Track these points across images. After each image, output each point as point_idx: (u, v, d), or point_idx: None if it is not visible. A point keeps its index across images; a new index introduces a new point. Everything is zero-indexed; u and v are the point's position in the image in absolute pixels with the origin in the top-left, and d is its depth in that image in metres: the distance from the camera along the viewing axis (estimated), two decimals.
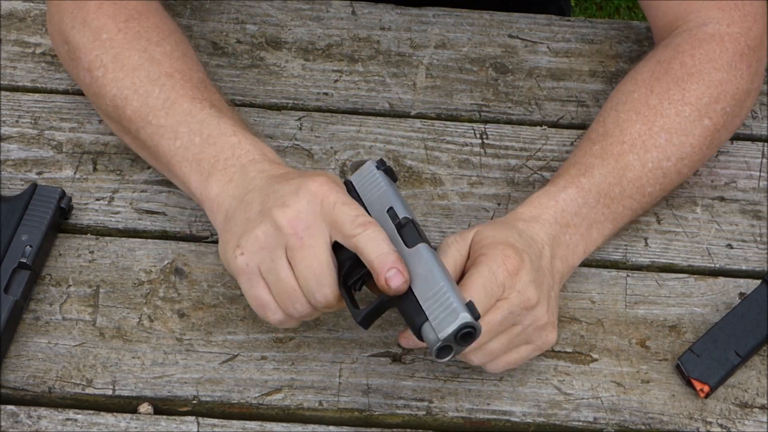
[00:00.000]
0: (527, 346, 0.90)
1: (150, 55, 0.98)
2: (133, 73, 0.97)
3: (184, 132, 0.94)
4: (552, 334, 0.91)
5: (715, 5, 1.03)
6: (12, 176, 1.05)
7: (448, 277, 0.83)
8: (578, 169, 0.97)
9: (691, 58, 1.01)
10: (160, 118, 0.96)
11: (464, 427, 0.93)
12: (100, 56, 0.99)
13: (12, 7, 1.17)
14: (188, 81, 0.97)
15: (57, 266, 1.00)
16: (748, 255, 1.03)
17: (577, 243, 0.96)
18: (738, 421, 0.93)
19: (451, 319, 0.80)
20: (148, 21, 1.01)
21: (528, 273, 0.87)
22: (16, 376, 0.94)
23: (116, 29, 0.99)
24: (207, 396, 0.93)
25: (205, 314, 0.97)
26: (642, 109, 0.99)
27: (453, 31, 1.18)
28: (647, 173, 0.98)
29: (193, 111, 0.95)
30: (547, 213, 0.94)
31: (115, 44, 0.99)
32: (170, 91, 0.96)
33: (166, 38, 1.00)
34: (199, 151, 0.93)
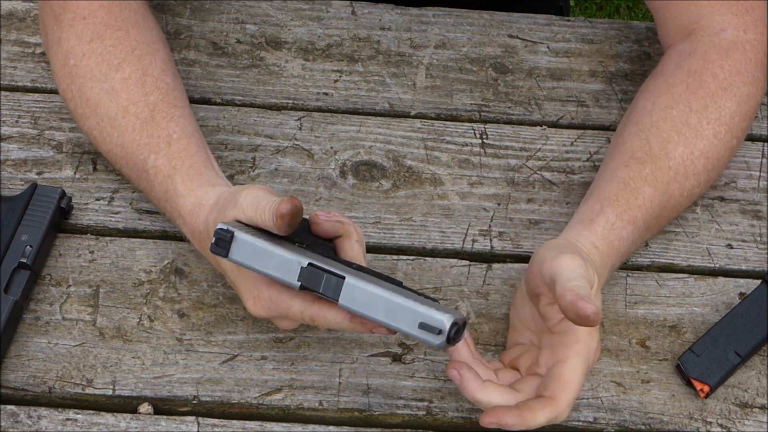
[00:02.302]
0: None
1: (109, 86, 0.99)
2: (95, 110, 1.00)
3: (144, 187, 0.99)
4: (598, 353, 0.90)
5: (728, 9, 1.03)
6: (12, 176, 1.05)
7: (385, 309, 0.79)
8: (633, 196, 0.96)
9: (722, 69, 1.01)
10: (123, 168, 1.00)
11: (464, 427, 0.93)
12: (69, 87, 1.02)
13: (12, 7, 1.17)
14: (139, 116, 0.98)
15: (57, 266, 1.00)
16: (748, 255, 1.03)
17: (613, 266, 0.96)
18: (738, 421, 0.93)
19: (435, 326, 0.78)
20: (111, 38, 1.01)
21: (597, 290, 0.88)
22: (16, 376, 0.94)
23: (81, 53, 1.01)
24: (207, 396, 0.93)
25: (205, 314, 0.97)
26: (683, 130, 0.99)
27: (453, 31, 1.18)
28: (682, 202, 1.00)
29: (139, 165, 0.98)
30: (607, 248, 0.93)
31: (80, 72, 1.01)
32: (123, 136, 0.98)
33: (126, 58, 1.00)
34: (158, 203, 0.98)
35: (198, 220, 0.92)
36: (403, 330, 0.78)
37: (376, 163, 1.07)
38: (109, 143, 0.99)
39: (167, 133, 0.97)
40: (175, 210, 0.94)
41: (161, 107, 0.99)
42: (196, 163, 0.96)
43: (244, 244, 0.82)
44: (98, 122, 1.00)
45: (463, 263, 1.01)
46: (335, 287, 0.80)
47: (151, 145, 0.97)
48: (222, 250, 0.82)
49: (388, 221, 1.04)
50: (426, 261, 1.01)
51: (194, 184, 0.94)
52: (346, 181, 1.06)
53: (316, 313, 0.84)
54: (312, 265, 0.81)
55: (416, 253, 1.02)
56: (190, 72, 1.13)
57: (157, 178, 0.96)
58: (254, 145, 1.08)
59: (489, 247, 1.03)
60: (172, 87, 1.01)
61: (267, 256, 0.82)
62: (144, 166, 0.97)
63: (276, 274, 0.82)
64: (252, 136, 1.09)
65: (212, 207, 0.90)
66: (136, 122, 0.98)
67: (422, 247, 1.03)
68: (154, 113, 0.98)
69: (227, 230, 0.82)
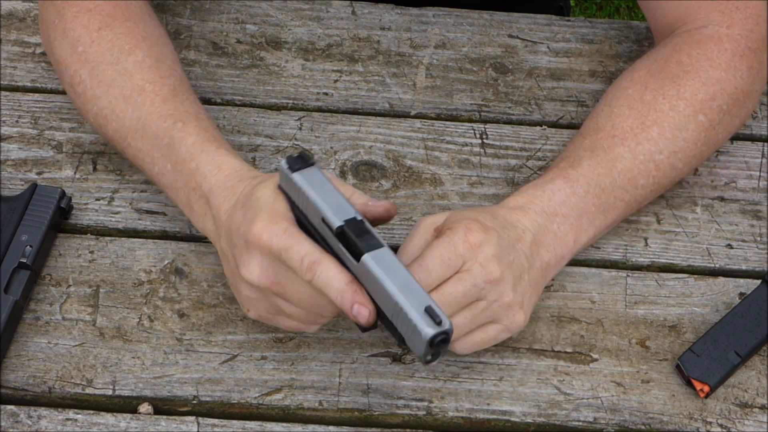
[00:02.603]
0: (494, 325, 0.90)
1: (123, 68, 0.99)
2: (108, 90, 0.99)
3: (158, 157, 0.96)
4: (519, 315, 0.90)
5: (715, 8, 1.03)
6: (12, 176, 1.05)
7: (401, 282, 0.80)
8: (567, 162, 0.98)
9: (688, 56, 1.01)
10: (137, 141, 0.98)
11: (464, 427, 0.93)
12: (78, 72, 1.00)
13: (12, 7, 1.17)
14: (158, 93, 0.98)
15: (57, 266, 1.00)
16: (748, 255, 1.03)
17: (566, 233, 0.95)
18: (738, 421, 0.93)
19: (418, 338, 0.78)
20: (120, 27, 1.01)
21: (492, 247, 0.87)
22: (16, 376, 0.94)
23: (90, 40, 1.00)
24: (207, 396, 0.93)
25: (205, 314, 0.97)
26: (635, 105, 0.99)
27: (453, 31, 1.18)
28: (638, 165, 0.98)
29: (160, 133, 0.96)
30: (533, 203, 0.94)
31: (90, 57, 1.00)
32: (141, 110, 0.97)
33: (138, 45, 1.00)
34: (174, 180, 0.95)
35: (239, 166, 0.92)
36: (407, 305, 0.78)
37: (376, 163, 1.07)
38: (122, 119, 0.98)
39: (194, 109, 0.97)
40: (209, 163, 0.92)
41: (180, 90, 0.99)
42: (225, 144, 0.96)
43: (318, 176, 0.83)
44: (110, 101, 0.98)
45: None
46: (370, 245, 0.80)
47: (177, 116, 0.96)
48: (297, 165, 0.83)
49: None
50: None
51: (233, 155, 0.94)
52: (347, 181, 1.06)
53: (320, 259, 0.81)
54: (363, 223, 0.81)
55: None
56: (190, 72, 1.13)
57: (185, 141, 0.94)
58: (254, 145, 1.08)
59: None
60: (185, 78, 1.01)
61: (331, 194, 0.82)
62: (169, 132, 0.95)
63: (326, 207, 0.81)
64: (252, 136, 1.09)
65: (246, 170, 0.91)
66: (156, 98, 0.97)
67: None
68: (175, 92, 0.98)
69: (309, 157, 0.84)
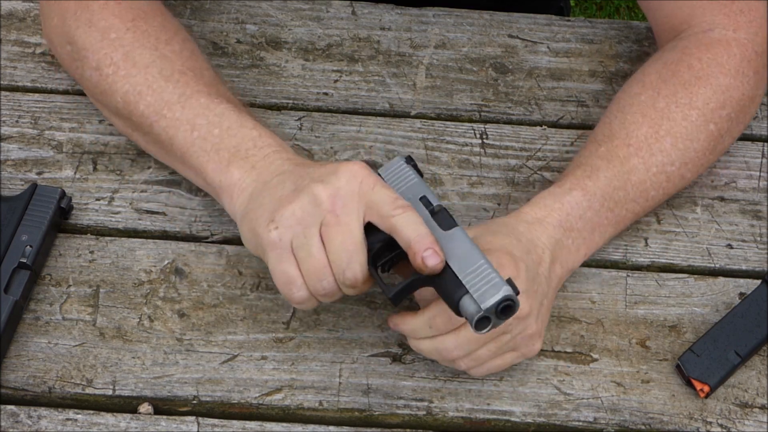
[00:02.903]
0: (512, 353, 0.91)
1: (161, 53, 0.98)
2: (145, 70, 0.98)
3: (202, 124, 0.95)
4: (538, 343, 0.91)
5: (720, 10, 1.03)
6: (12, 176, 1.05)
7: (485, 256, 0.84)
8: (584, 171, 0.97)
9: (699, 61, 1.01)
10: (175, 112, 0.96)
11: (464, 427, 0.93)
12: (109, 54, 0.99)
13: (12, 7, 1.17)
14: (201, 78, 0.98)
15: (57, 266, 1.00)
16: (748, 255, 1.03)
17: (578, 247, 0.96)
18: (738, 421, 0.93)
19: (494, 291, 0.81)
20: (155, 20, 1.01)
21: (523, 283, 0.88)
22: (16, 376, 0.94)
23: (124, 28, 1.00)
24: (207, 396, 0.93)
25: (205, 314, 0.97)
26: (649, 112, 0.99)
27: (453, 31, 1.18)
28: (651, 177, 0.98)
29: (211, 105, 0.95)
30: (551, 216, 0.95)
31: (125, 42, 0.99)
32: (185, 87, 0.97)
33: (174, 37, 1.01)
34: (219, 142, 0.94)
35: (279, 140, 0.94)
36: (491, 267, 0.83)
37: (376, 163, 1.07)
38: (160, 93, 0.97)
39: (232, 96, 0.98)
40: (250, 133, 0.93)
41: (217, 83, 0.99)
42: None
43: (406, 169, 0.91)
44: (147, 79, 0.97)
45: None
46: (448, 222, 0.87)
47: (228, 99, 0.97)
48: (410, 162, 0.92)
49: None
50: None
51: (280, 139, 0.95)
52: None
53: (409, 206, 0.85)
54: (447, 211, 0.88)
55: None
56: None
57: (226, 115, 0.94)
58: None
59: None
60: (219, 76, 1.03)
61: (426, 186, 0.89)
62: (209, 104, 0.95)
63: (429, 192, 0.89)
64: None
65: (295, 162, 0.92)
66: (199, 81, 0.97)
67: None
68: (215, 81, 0.99)
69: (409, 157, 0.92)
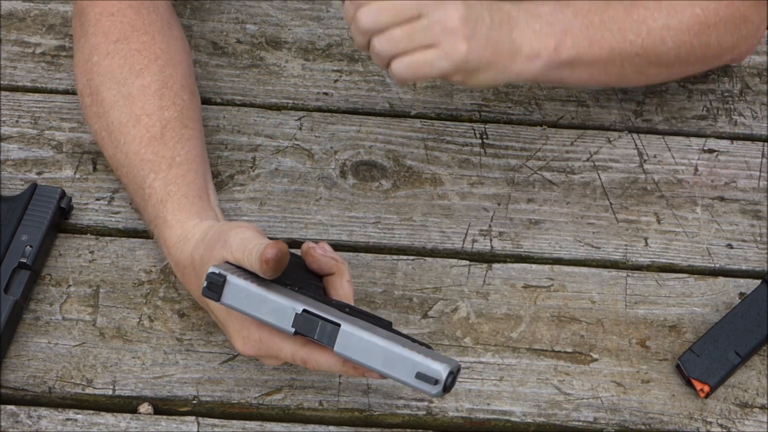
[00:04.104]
0: (434, 50, 0.88)
1: (127, 91, 0.98)
2: (108, 112, 0.99)
3: (137, 201, 0.98)
4: (461, 44, 0.88)
5: None
6: (12, 176, 1.05)
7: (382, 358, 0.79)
8: None
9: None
10: (123, 177, 0.99)
11: (464, 427, 0.93)
12: (88, 84, 1.01)
13: (12, 7, 1.17)
14: (149, 129, 0.97)
15: (57, 266, 1.00)
16: (748, 255, 1.03)
17: (546, 35, 0.94)
18: (738, 421, 0.93)
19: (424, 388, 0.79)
20: (137, 42, 1.01)
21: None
22: (16, 376, 0.94)
23: (105, 52, 1.00)
24: (207, 396, 0.93)
25: (205, 314, 0.97)
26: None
27: None
28: (631, 21, 0.97)
29: (138, 182, 0.96)
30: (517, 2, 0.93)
31: (101, 71, 1.00)
32: (130, 146, 0.97)
33: (149, 66, 1.00)
34: (148, 224, 0.97)
35: (182, 254, 0.91)
36: (400, 379, 0.78)
37: (376, 163, 1.07)
38: (115, 149, 0.99)
39: (171, 154, 0.97)
40: (161, 238, 0.94)
41: (173, 125, 0.98)
42: (190, 191, 0.95)
43: (237, 289, 0.81)
44: (108, 125, 0.99)
45: (463, 263, 1.01)
46: (330, 334, 0.80)
47: (154, 164, 0.96)
48: (214, 294, 0.81)
49: (388, 221, 1.04)
50: (426, 261, 1.01)
51: (183, 215, 0.93)
52: (346, 181, 1.06)
53: (308, 355, 0.84)
54: (306, 312, 0.81)
55: (416, 253, 1.02)
56: None
57: (150, 200, 0.95)
58: (254, 145, 1.08)
59: (489, 247, 1.03)
60: (188, 105, 1.00)
61: (260, 301, 0.81)
62: (142, 183, 0.96)
63: (270, 319, 0.81)
64: (252, 136, 1.09)
65: (198, 243, 0.89)
66: (145, 135, 0.97)
67: (422, 247, 1.03)
68: (165, 131, 0.97)
69: (219, 274, 0.81)
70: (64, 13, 1.16)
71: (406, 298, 0.99)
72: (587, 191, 1.06)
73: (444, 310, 0.98)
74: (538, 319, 0.98)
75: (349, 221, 1.04)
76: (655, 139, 1.10)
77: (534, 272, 1.01)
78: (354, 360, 0.80)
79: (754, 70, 1.15)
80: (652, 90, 1.14)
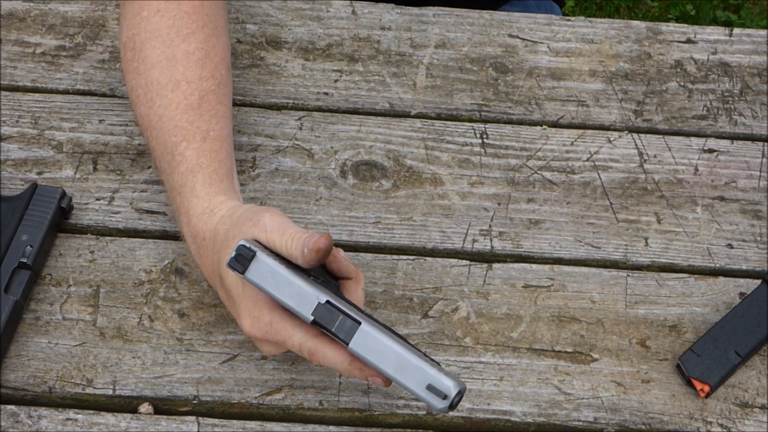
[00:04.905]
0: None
1: (171, 53, 0.98)
2: (149, 71, 0.98)
3: (163, 166, 0.97)
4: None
5: None
6: (12, 176, 1.05)
7: (394, 363, 0.80)
8: None
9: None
10: (151, 139, 0.98)
11: (464, 427, 0.93)
12: (133, 38, 1.00)
13: (12, 7, 1.17)
14: (187, 97, 0.97)
15: (57, 266, 1.00)
16: (748, 255, 1.03)
17: None
18: (738, 421, 0.93)
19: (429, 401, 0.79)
20: (187, 3, 1.00)
21: None
22: (16, 376, 0.94)
23: (156, 8, 1.00)
24: (207, 396, 0.93)
25: (206, 314, 0.97)
26: None
27: (453, 30, 1.18)
28: None
29: (168, 147, 0.96)
30: None
31: (149, 28, 0.99)
32: (166, 109, 0.97)
33: (195, 32, 1.00)
34: (170, 191, 0.96)
35: (206, 226, 0.91)
36: (410, 387, 0.79)
37: (376, 162, 1.07)
38: (149, 109, 0.98)
39: (207, 127, 0.97)
40: (185, 207, 0.93)
41: (210, 98, 0.98)
42: (221, 168, 0.95)
43: (265, 267, 0.82)
44: (147, 83, 0.98)
45: (463, 263, 1.01)
46: (349, 330, 0.80)
47: (188, 132, 0.96)
48: (241, 266, 0.82)
49: (388, 221, 1.04)
50: (426, 261, 1.01)
51: (213, 189, 0.93)
52: (347, 181, 1.06)
53: (316, 347, 0.83)
54: (330, 303, 0.81)
55: (416, 252, 1.02)
56: None
57: (180, 167, 0.95)
58: (254, 145, 1.08)
59: (489, 246, 1.03)
60: (225, 81, 1.01)
61: (286, 283, 0.81)
62: (173, 149, 0.95)
63: (291, 303, 0.81)
64: (252, 135, 1.09)
65: (225, 217, 0.90)
66: (183, 102, 0.97)
67: (422, 246, 1.03)
68: (202, 102, 0.97)
69: (250, 248, 0.82)
70: (64, 13, 1.16)
71: (406, 298, 0.99)
72: (587, 191, 1.06)
73: (444, 310, 0.98)
74: (538, 319, 0.98)
75: (349, 221, 1.04)
76: (655, 139, 1.10)
77: (534, 272, 1.01)
78: (367, 360, 0.80)
79: (754, 70, 1.15)
80: (653, 90, 1.14)
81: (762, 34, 1.17)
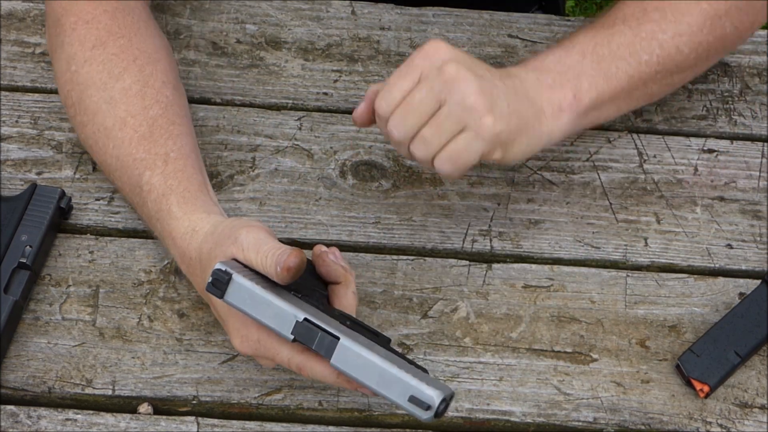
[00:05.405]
0: (464, 134, 0.88)
1: (109, 95, 0.98)
2: (93, 119, 0.98)
3: (135, 200, 0.97)
4: (487, 119, 0.87)
5: None
6: (12, 176, 1.05)
7: (377, 378, 0.80)
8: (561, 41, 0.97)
9: None
10: (116, 180, 0.99)
11: (464, 427, 0.93)
12: (70, 93, 1.00)
13: (12, 7, 1.17)
14: (137, 129, 0.97)
15: (57, 266, 1.00)
16: (748, 255, 1.03)
17: (562, 85, 0.93)
18: (738, 421, 0.93)
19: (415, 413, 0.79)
20: (113, 45, 1.00)
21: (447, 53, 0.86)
22: (16, 376, 0.94)
23: (83, 60, 0.99)
24: (207, 396, 0.93)
25: (205, 314, 0.97)
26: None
27: (453, 31, 1.17)
28: (640, 41, 0.96)
29: (133, 181, 0.96)
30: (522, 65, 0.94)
31: (81, 79, 0.99)
32: (120, 148, 0.97)
33: (128, 68, 0.99)
34: (149, 221, 0.96)
35: (190, 246, 0.91)
36: (393, 400, 0.78)
37: (376, 163, 1.07)
38: (105, 154, 0.98)
39: (165, 150, 0.96)
40: (166, 231, 0.93)
41: (160, 123, 0.97)
42: (192, 185, 0.94)
43: (242, 289, 0.82)
44: (95, 131, 0.98)
45: (463, 263, 1.01)
46: (329, 346, 0.80)
47: (147, 161, 0.95)
48: (218, 291, 0.82)
49: (388, 221, 1.04)
50: (426, 261, 1.01)
51: (189, 208, 0.93)
52: (346, 181, 1.06)
53: (304, 363, 0.84)
54: (308, 321, 0.81)
55: (416, 253, 1.02)
56: (190, 72, 1.13)
57: (150, 195, 0.94)
58: (254, 145, 1.08)
59: (489, 247, 1.03)
60: (173, 101, 1.00)
61: (263, 304, 0.81)
62: (138, 182, 0.95)
63: (270, 323, 0.81)
64: (252, 136, 1.09)
65: (207, 236, 0.89)
66: (134, 135, 0.96)
67: (422, 246, 1.03)
68: (153, 129, 0.97)
69: (225, 271, 0.82)
70: None
71: (406, 298, 0.99)
72: (587, 191, 1.06)
73: (444, 310, 0.99)
74: (537, 319, 0.98)
75: (349, 221, 1.04)
76: (654, 139, 1.10)
77: (534, 272, 1.01)
78: (349, 375, 0.80)
79: (754, 70, 1.15)
80: None
81: (762, 34, 1.16)
